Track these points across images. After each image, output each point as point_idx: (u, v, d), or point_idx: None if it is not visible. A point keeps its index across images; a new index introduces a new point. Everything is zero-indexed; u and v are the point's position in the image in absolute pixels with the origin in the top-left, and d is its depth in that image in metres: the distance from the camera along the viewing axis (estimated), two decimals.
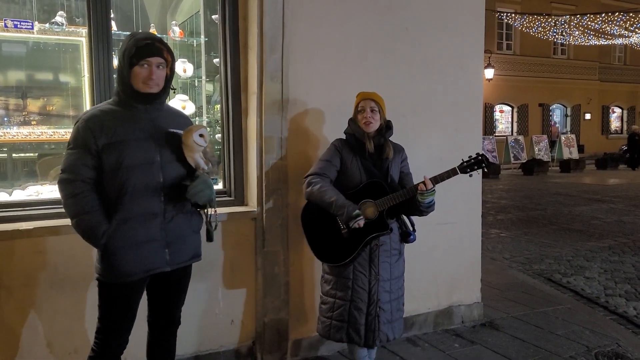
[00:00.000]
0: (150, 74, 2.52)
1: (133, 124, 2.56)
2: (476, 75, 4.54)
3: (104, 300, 2.63)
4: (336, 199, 3.18)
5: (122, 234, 2.51)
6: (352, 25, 3.94)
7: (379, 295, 3.29)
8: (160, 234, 2.60)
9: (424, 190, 3.14)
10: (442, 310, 4.49)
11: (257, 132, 3.70)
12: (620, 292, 5.76)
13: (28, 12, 4.02)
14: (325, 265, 3.43)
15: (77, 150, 2.51)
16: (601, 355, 4.00)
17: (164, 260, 2.63)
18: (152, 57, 2.52)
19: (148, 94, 2.57)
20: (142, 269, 2.58)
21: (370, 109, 3.29)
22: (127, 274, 2.55)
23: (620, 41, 23.86)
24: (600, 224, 9.78)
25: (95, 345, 2.66)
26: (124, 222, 2.51)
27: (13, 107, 4.24)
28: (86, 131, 2.49)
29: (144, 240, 2.56)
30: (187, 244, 2.74)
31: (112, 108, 2.59)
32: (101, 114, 2.56)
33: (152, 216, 2.57)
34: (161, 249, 2.61)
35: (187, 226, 2.72)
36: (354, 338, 3.29)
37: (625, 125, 32.23)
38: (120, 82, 2.57)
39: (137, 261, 2.55)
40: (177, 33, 4.66)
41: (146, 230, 2.56)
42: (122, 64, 2.53)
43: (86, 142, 2.49)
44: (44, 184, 3.74)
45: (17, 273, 3.13)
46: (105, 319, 2.64)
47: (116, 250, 2.51)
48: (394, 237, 3.37)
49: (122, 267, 2.53)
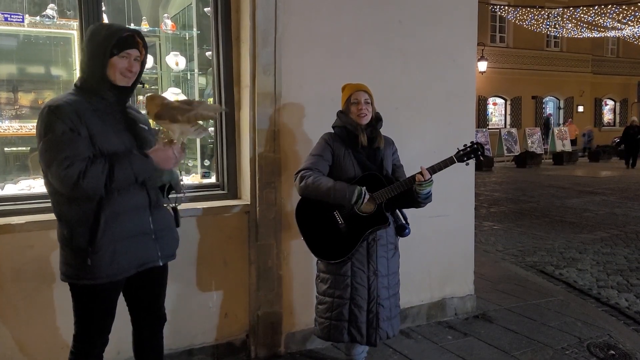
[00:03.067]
0: (130, 65, 2.45)
1: (108, 115, 2.46)
2: (469, 68, 4.54)
3: (83, 304, 2.51)
4: (333, 184, 3.11)
5: (114, 230, 2.41)
6: (345, 18, 3.93)
7: (378, 291, 3.24)
8: (149, 227, 2.55)
9: (422, 180, 3.10)
10: (435, 302, 4.51)
11: (250, 125, 3.69)
12: (612, 283, 5.80)
13: (18, 5, 3.98)
14: (321, 264, 3.35)
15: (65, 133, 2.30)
16: (593, 346, 4.03)
17: (156, 255, 2.59)
18: (131, 49, 2.45)
19: (122, 87, 2.48)
20: (135, 265, 2.52)
21: (365, 100, 3.25)
22: (119, 272, 2.46)
23: (613, 33, 23.90)
24: (593, 216, 9.83)
25: (74, 349, 2.55)
26: (115, 217, 2.41)
27: (4, 101, 4.20)
28: (64, 117, 2.31)
29: (136, 234, 2.49)
30: (172, 236, 2.72)
31: (79, 99, 2.41)
32: (72, 102, 2.37)
33: (142, 209, 2.52)
34: (152, 242, 2.57)
35: (168, 220, 2.70)
36: (355, 337, 3.22)
37: (618, 117, 32.36)
38: (91, 71, 2.42)
39: (130, 256, 2.48)
40: (169, 26, 4.64)
41: (137, 222, 2.50)
42: (98, 51, 2.39)
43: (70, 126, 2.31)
44: (36, 178, 3.71)
45: (8, 267, 3.12)
46: (86, 323, 2.53)
47: (107, 247, 2.39)
48: (390, 232, 3.32)
49: (114, 265, 2.43)
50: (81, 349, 2.55)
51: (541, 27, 23.48)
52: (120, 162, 2.35)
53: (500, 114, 28.40)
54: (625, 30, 22.96)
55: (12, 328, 3.17)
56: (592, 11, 21.26)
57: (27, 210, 3.28)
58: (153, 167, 2.45)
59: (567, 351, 3.94)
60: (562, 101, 29.91)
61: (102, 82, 2.43)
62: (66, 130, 2.29)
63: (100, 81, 2.42)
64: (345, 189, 3.08)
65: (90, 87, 2.44)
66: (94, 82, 2.43)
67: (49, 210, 3.22)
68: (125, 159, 2.37)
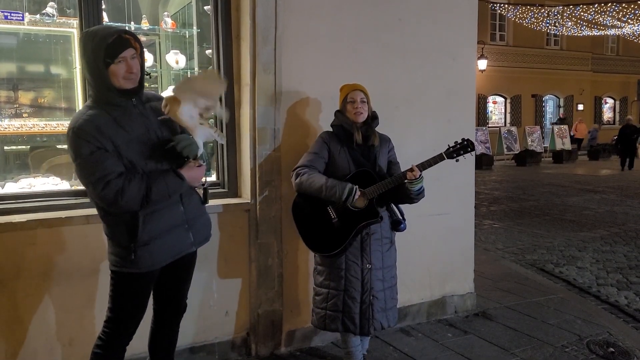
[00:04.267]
0: (129, 68, 2.44)
1: (129, 121, 2.49)
2: (469, 66, 4.54)
3: (120, 291, 2.64)
4: (325, 181, 3.22)
5: (152, 225, 2.53)
6: (345, 16, 3.93)
7: (372, 283, 3.32)
8: (182, 217, 2.67)
9: (412, 178, 3.19)
10: (435, 300, 4.52)
11: (250, 124, 3.70)
12: (611, 281, 5.80)
13: (18, 3, 3.98)
14: (318, 257, 3.45)
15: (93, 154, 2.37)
16: (593, 344, 4.04)
17: (190, 242, 2.73)
18: (124, 51, 2.42)
19: (131, 89, 2.49)
20: (171, 255, 2.65)
21: (361, 99, 3.34)
22: (158, 262, 2.61)
23: (613, 32, 23.89)
24: (592, 214, 9.83)
25: (104, 334, 2.67)
26: (151, 214, 2.53)
27: (4, 100, 4.21)
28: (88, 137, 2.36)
29: (171, 226, 2.62)
30: (203, 221, 2.84)
31: (98, 113, 2.45)
32: (92, 118, 2.42)
33: (174, 203, 2.63)
34: (185, 232, 2.70)
35: (198, 206, 2.81)
36: (349, 327, 3.32)
37: (618, 116, 32.33)
38: (98, 84, 2.45)
39: (167, 248, 2.62)
40: (169, 24, 4.64)
41: (172, 216, 2.62)
42: (94, 65, 2.40)
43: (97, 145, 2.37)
44: (37, 176, 3.72)
45: (10, 265, 3.12)
46: (120, 309, 2.66)
47: (148, 242, 2.54)
48: (385, 226, 3.40)
49: (155, 256, 2.58)
50: (111, 334, 2.66)
51: (541, 25, 23.45)
52: (156, 183, 2.48)
53: (500, 113, 28.39)
54: (625, 29, 22.95)
55: (14, 326, 3.17)
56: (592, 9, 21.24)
57: (28, 209, 3.28)
58: (186, 186, 2.62)
59: (567, 349, 3.95)
60: (562, 99, 29.91)
61: (110, 91, 2.45)
62: (94, 150, 2.38)
63: (108, 91, 2.45)
64: (337, 185, 3.18)
65: (102, 98, 2.48)
66: (103, 93, 2.47)
67: (50, 208, 3.27)
68: (162, 181, 2.51)
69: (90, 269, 3.28)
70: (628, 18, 21.32)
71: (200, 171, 2.68)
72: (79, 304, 3.29)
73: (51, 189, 3.52)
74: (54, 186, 3.58)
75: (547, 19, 22.86)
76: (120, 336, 2.68)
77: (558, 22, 23.17)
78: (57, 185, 3.61)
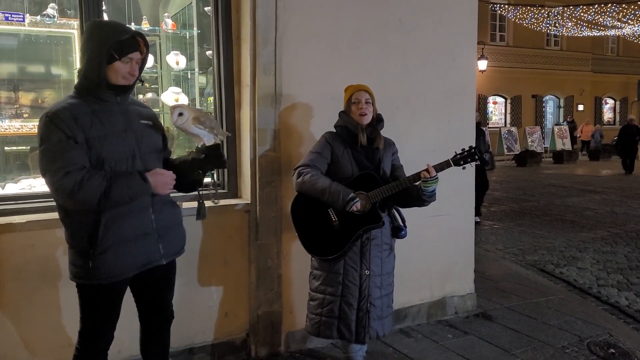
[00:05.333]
0: (132, 70, 2.45)
1: (109, 117, 2.44)
2: (469, 67, 4.54)
3: (87, 303, 2.53)
4: (329, 184, 3.15)
5: (114, 231, 2.41)
6: (345, 17, 3.93)
7: (369, 290, 3.26)
8: (151, 226, 2.54)
9: (428, 177, 3.12)
10: (435, 301, 4.51)
11: (250, 125, 3.69)
12: (612, 282, 5.80)
13: (19, 5, 3.98)
14: (315, 261, 3.38)
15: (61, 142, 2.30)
16: (593, 345, 4.03)
17: (159, 254, 2.59)
18: (134, 52, 2.43)
19: (122, 86, 2.47)
20: (138, 265, 2.52)
21: (365, 100, 3.28)
22: (121, 273, 2.47)
23: (613, 32, 23.85)
24: (593, 214, 9.83)
25: (79, 345, 2.59)
26: (115, 220, 2.41)
27: (5, 100, 4.21)
28: (61, 124, 2.30)
29: (138, 234, 2.49)
30: (176, 234, 2.72)
31: (78, 103, 2.40)
32: (69, 107, 2.36)
33: (143, 209, 2.51)
34: (155, 242, 2.56)
35: (173, 217, 2.70)
36: (344, 334, 3.25)
37: (618, 116, 32.30)
38: (91, 75, 2.39)
39: (132, 257, 2.48)
40: (169, 25, 4.64)
41: (139, 224, 2.49)
42: (95, 53, 2.36)
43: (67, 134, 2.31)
44: (37, 177, 3.71)
45: (9, 266, 3.12)
46: (90, 320, 2.56)
47: (109, 248, 2.40)
48: (385, 232, 3.34)
49: (116, 266, 2.44)
50: (86, 345, 2.58)
51: (541, 26, 23.43)
52: (118, 182, 2.35)
53: (501, 113, 28.36)
54: (625, 29, 22.92)
55: (14, 327, 3.17)
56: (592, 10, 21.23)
57: (28, 210, 3.28)
58: (149, 191, 2.46)
59: (568, 350, 3.95)
60: (562, 100, 29.89)
61: (100, 84, 2.40)
62: (62, 139, 2.30)
63: (98, 82, 2.40)
64: (340, 192, 3.12)
65: (88, 88, 2.43)
66: (92, 83, 2.41)
67: (50, 209, 3.25)
68: (124, 181, 2.37)
69: None
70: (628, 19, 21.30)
71: (167, 178, 2.52)
72: (77, 306, 3.26)
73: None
74: None
75: (547, 20, 22.85)
76: (95, 346, 2.59)
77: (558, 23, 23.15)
78: None
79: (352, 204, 3.09)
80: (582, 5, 21.29)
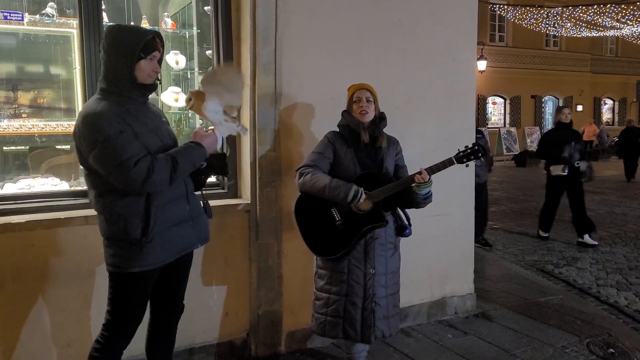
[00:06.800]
0: (155, 67, 2.57)
1: (143, 115, 2.57)
2: (469, 67, 4.54)
3: (124, 294, 2.61)
4: (329, 181, 3.14)
5: (162, 219, 2.56)
6: (345, 17, 3.93)
7: (374, 289, 3.25)
8: (188, 213, 2.71)
9: (421, 181, 3.11)
10: (435, 301, 4.51)
11: (250, 124, 3.69)
12: (611, 282, 5.80)
13: (18, 4, 3.97)
14: (319, 260, 3.38)
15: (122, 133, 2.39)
16: (593, 345, 4.03)
17: (196, 238, 2.76)
18: (156, 51, 2.56)
19: (150, 84, 2.60)
20: (179, 250, 2.67)
21: (366, 99, 3.28)
22: (168, 257, 2.62)
23: (612, 33, 23.85)
24: (592, 215, 9.76)
25: (103, 338, 2.64)
26: (162, 207, 2.55)
27: (4, 100, 4.19)
28: (112, 120, 2.39)
29: (179, 220, 2.65)
30: (204, 221, 2.87)
31: (112, 104, 2.47)
32: (109, 108, 2.44)
33: (181, 198, 2.66)
34: (190, 227, 2.72)
35: (199, 206, 2.86)
36: (350, 334, 3.25)
37: (617, 117, 32.33)
38: (121, 75, 2.49)
39: (176, 242, 2.63)
40: (169, 24, 4.63)
41: (179, 210, 2.65)
42: (125, 56, 2.46)
43: (120, 128, 2.39)
44: (36, 177, 3.71)
45: (9, 266, 3.11)
46: (123, 313, 2.63)
47: (158, 236, 2.54)
48: (389, 231, 3.33)
49: (165, 250, 2.59)
50: (110, 338, 2.64)
51: (540, 27, 23.44)
52: (181, 156, 2.53)
53: (500, 113, 28.35)
54: (624, 30, 22.93)
55: (14, 326, 3.16)
56: (591, 10, 21.24)
57: (27, 209, 3.27)
58: (206, 154, 2.67)
59: (567, 349, 3.95)
60: (562, 100, 29.90)
61: (131, 84, 2.51)
62: (122, 130, 2.40)
63: (129, 83, 2.51)
64: (342, 186, 3.11)
65: (118, 89, 2.51)
66: (123, 84, 2.51)
67: (49, 209, 3.26)
68: (185, 152, 2.57)
69: (88, 270, 3.28)
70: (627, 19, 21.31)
71: (212, 137, 2.73)
72: (77, 306, 3.28)
73: (50, 189, 3.51)
74: (53, 187, 3.57)
75: (546, 20, 22.86)
76: (121, 340, 2.66)
77: (557, 23, 23.16)
78: (57, 186, 3.60)
79: (357, 199, 3.09)
80: (581, 5, 21.30)
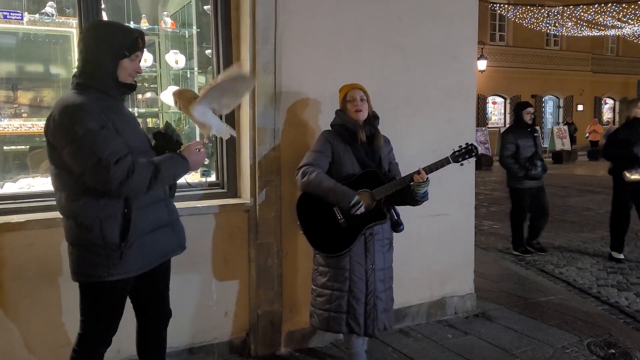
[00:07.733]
0: (137, 67, 2.51)
1: (122, 114, 2.49)
2: (469, 67, 4.53)
3: (97, 304, 2.50)
4: (335, 185, 3.21)
5: (141, 223, 2.45)
6: (345, 16, 3.92)
7: (375, 284, 3.33)
8: (167, 218, 2.64)
9: (420, 181, 3.18)
10: (435, 301, 4.50)
11: (250, 124, 3.69)
12: (612, 282, 5.79)
13: (17, 3, 3.97)
14: (320, 258, 3.41)
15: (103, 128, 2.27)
16: (593, 345, 4.03)
17: (176, 243, 2.70)
18: (139, 51, 2.50)
19: (131, 84, 2.53)
20: (160, 255, 2.60)
21: (360, 97, 3.34)
22: (148, 264, 2.53)
23: (613, 32, 23.84)
24: (593, 215, 9.82)
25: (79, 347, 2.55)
26: (141, 211, 2.45)
27: (3, 99, 4.20)
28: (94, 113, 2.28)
29: (158, 226, 2.56)
30: (181, 227, 2.79)
31: (89, 98, 2.35)
32: (88, 100, 2.33)
33: (160, 202, 2.59)
34: (171, 232, 2.65)
35: (176, 210, 2.78)
36: (354, 328, 3.31)
37: (618, 116, 32.30)
38: (101, 72, 2.40)
39: (156, 247, 2.55)
40: (168, 24, 4.62)
41: (159, 215, 2.58)
42: (109, 53, 2.39)
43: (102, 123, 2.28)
44: (36, 176, 3.71)
45: (8, 266, 3.11)
46: (97, 322, 2.53)
47: (137, 241, 2.44)
48: (386, 227, 3.41)
49: (144, 258, 2.49)
50: (86, 348, 2.55)
51: (541, 26, 23.41)
52: (164, 163, 2.43)
53: (500, 113, 28.36)
54: (625, 29, 22.90)
55: (14, 326, 3.16)
56: (592, 10, 21.21)
57: (26, 209, 3.27)
58: (188, 169, 2.58)
59: (568, 350, 3.94)
60: (562, 100, 29.89)
61: (112, 81, 2.44)
62: (103, 125, 2.29)
63: (111, 80, 2.43)
64: (345, 194, 3.18)
65: (96, 85, 2.41)
66: (104, 80, 2.42)
67: (49, 208, 3.24)
68: (169, 161, 2.48)
69: None
70: (628, 18, 21.29)
71: (201, 156, 2.65)
72: (76, 305, 3.25)
73: (50, 189, 3.48)
74: None
75: (547, 20, 22.83)
76: (97, 348, 2.57)
77: (558, 23, 23.13)
78: None
79: (355, 209, 3.16)
80: (582, 5, 21.27)
